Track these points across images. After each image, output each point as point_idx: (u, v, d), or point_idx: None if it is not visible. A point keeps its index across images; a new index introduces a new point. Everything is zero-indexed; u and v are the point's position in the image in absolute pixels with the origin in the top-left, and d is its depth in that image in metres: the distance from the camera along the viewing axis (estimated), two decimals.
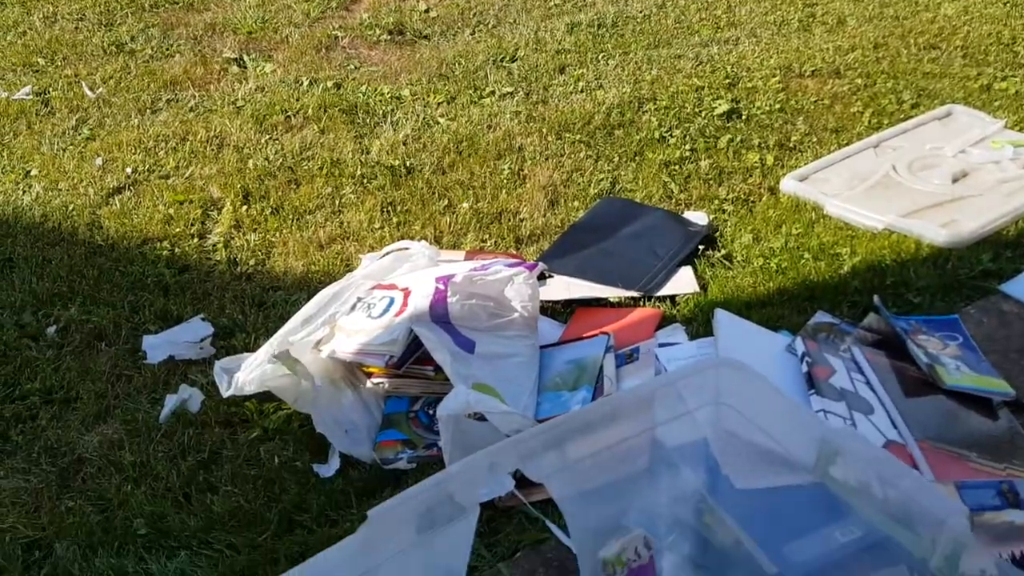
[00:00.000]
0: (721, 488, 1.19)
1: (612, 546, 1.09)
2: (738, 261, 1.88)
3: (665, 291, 1.81)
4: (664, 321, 1.73)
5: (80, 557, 1.33)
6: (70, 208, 2.26)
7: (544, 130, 2.41)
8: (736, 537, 1.18)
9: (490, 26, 3.09)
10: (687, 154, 2.27)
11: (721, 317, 1.61)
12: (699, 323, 1.70)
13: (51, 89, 2.83)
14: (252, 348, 1.70)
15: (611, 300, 1.82)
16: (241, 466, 1.49)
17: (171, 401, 1.64)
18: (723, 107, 2.43)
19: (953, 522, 0.85)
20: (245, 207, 2.21)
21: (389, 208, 2.18)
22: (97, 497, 1.46)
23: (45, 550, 1.37)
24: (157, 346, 1.79)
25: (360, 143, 2.45)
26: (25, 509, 1.45)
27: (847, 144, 2.26)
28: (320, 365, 1.60)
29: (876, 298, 1.68)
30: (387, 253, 1.85)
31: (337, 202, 2.21)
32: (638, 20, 3.04)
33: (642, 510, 1.18)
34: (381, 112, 2.59)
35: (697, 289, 1.81)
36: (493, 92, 2.64)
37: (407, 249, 1.84)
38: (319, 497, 1.40)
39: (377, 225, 2.12)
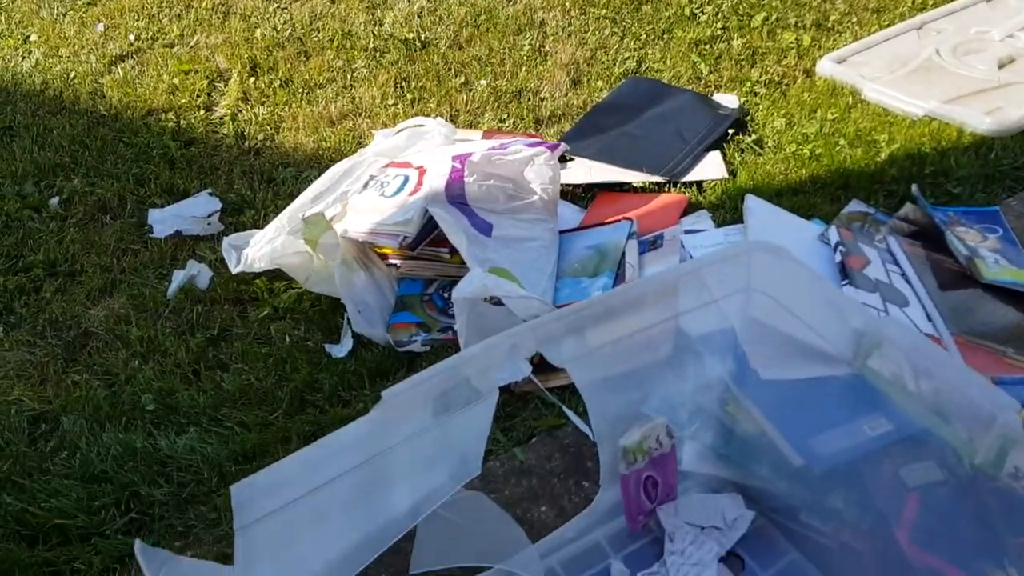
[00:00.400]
0: (746, 378, 1.15)
1: (633, 434, 1.05)
2: (769, 146, 1.80)
3: (691, 176, 1.73)
4: (690, 207, 1.65)
5: (87, 431, 1.31)
6: (71, 76, 2.16)
7: (567, 4, 2.28)
8: (761, 428, 1.14)
9: None
10: (718, 33, 2.14)
11: (752, 203, 1.54)
12: (726, 210, 1.63)
13: None
14: (261, 225, 1.65)
15: (635, 185, 1.75)
16: (251, 344, 1.45)
17: (179, 277, 1.60)
18: None
19: (1005, 417, 0.80)
20: (253, 79, 2.11)
21: (403, 84, 2.08)
22: (104, 372, 1.43)
23: (51, 423, 1.35)
24: (163, 220, 1.73)
25: (373, 14, 2.33)
26: (31, 382, 1.42)
27: (888, 25, 2.13)
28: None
29: (914, 187, 1.60)
30: (401, 130, 1.77)
31: (349, 76, 2.11)
32: None
33: (664, 399, 1.14)
34: None
35: (725, 175, 1.73)
36: None
37: (422, 126, 1.75)
38: (331, 377, 1.37)
39: (390, 101, 2.02)
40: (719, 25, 2.17)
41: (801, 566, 1.08)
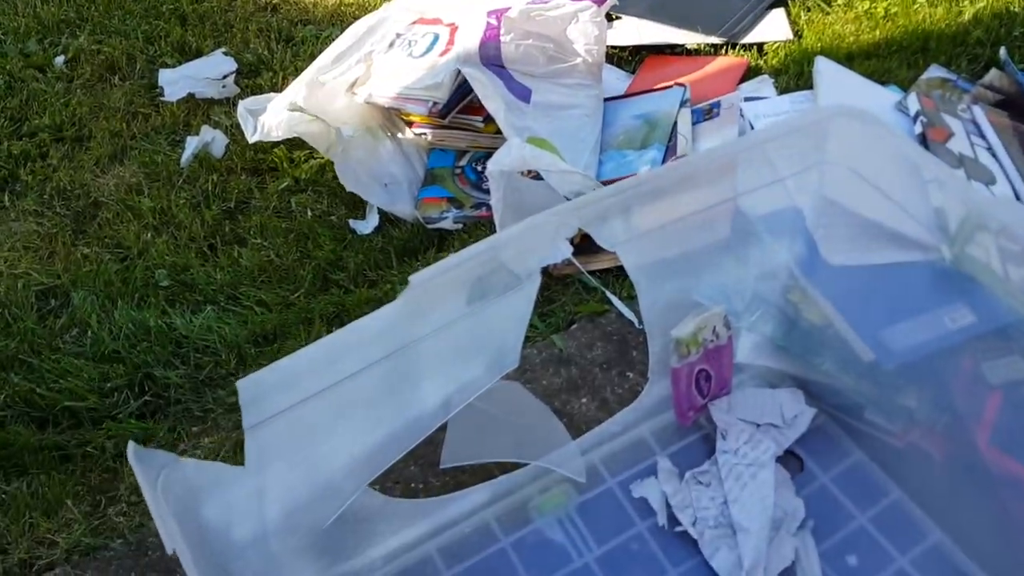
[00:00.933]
0: (813, 264, 1.03)
1: (687, 324, 0.95)
2: (839, 4, 1.61)
3: (752, 37, 1.56)
4: (749, 72, 1.49)
5: (98, 308, 1.23)
6: None
7: None
8: (827, 319, 1.03)
9: None
10: None
11: (822, 65, 1.38)
12: (790, 75, 1.47)
13: None
14: (279, 88, 1.52)
15: (688, 47, 1.58)
16: (270, 218, 1.35)
17: (192, 143, 1.48)
18: None
19: None
20: None
21: None
22: (115, 245, 1.34)
23: (61, 299, 1.27)
24: (175, 81, 1.61)
25: None
26: (39, 255, 1.34)
27: None
28: (355, 111, 1.41)
29: (1002, 51, 1.43)
30: None
31: None
32: None
33: (720, 286, 1.03)
34: None
35: (790, 36, 1.56)
36: None
37: None
38: (356, 255, 1.27)
39: None
40: None
41: (865, 468, 0.99)
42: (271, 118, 1.40)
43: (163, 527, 0.57)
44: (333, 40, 1.48)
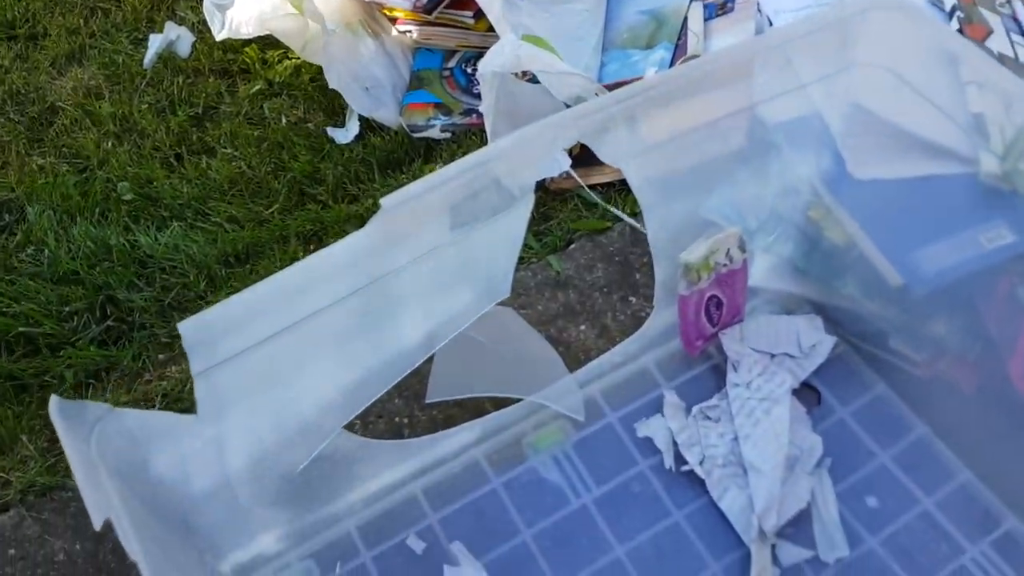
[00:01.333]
0: (837, 178, 0.93)
1: (698, 247, 0.85)
2: None
3: None
4: None
5: (56, 224, 1.13)
6: None
7: None
8: (851, 239, 0.94)
9: None
10: None
11: None
12: None
13: None
14: None
15: None
16: (241, 125, 1.24)
17: (156, 42, 1.36)
18: None
19: None
20: None
21: None
22: (73, 155, 1.23)
23: (16, 214, 1.17)
24: None
25: None
26: None
27: None
28: (334, 5, 1.28)
29: None
30: None
31: None
32: None
33: (733, 203, 0.93)
34: None
35: None
36: None
37: None
38: (335, 167, 1.16)
39: None
40: None
41: (887, 401, 0.91)
42: (240, 13, 1.28)
43: (92, 495, 0.49)
44: None
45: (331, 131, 1.22)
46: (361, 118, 1.21)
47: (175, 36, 1.36)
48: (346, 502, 0.82)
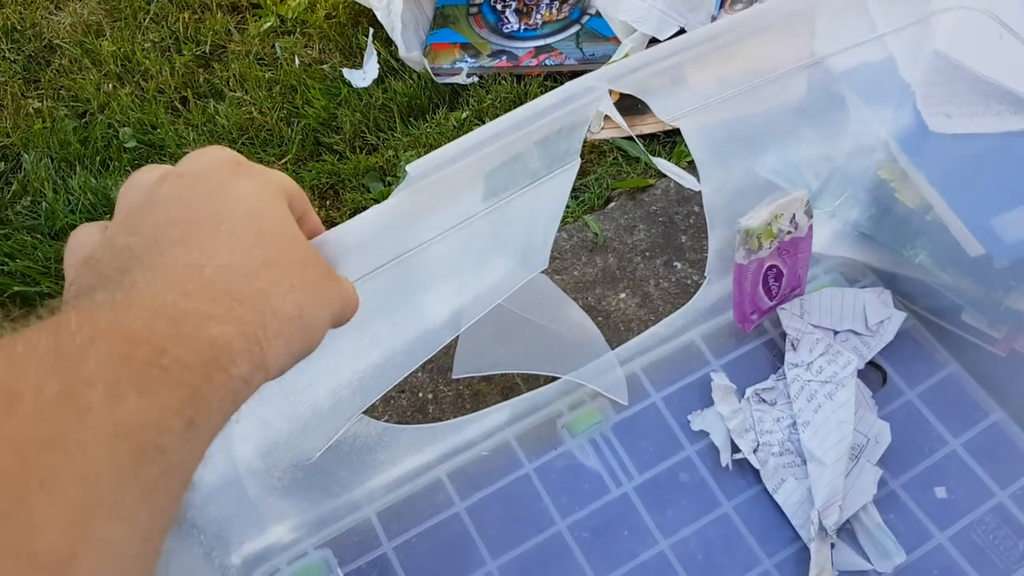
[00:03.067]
0: (911, 134, 0.83)
1: (760, 212, 0.76)
2: None
3: None
4: None
5: (54, 173, 1.05)
6: None
7: None
8: (926, 201, 0.84)
9: None
10: None
11: None
12: None
13: None
14: None
15: None
16: (251, 66, 1.14)
17: None
18: None
19: None
20: None
21: None
22: (72, 97, 1.14)
23: (11, 162, 1.08)
24: None
25: None
26: None
27: None
28: None
29: None
30: None
31: None
32: None
33: (793, 161, 0.83)
34: None
35: None
36: None
37: None
38: (353, 114, 1.07)
39: None
40: None
41: (961, 382, 0.83)
42: None
43: None
44: None
45: (347, 73, 1.12)
46: (381, 59, 1.12)
47: None
48: (366, 489, 0.75)
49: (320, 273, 0.36)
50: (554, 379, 0.81)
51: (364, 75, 1.11)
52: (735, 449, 0.77)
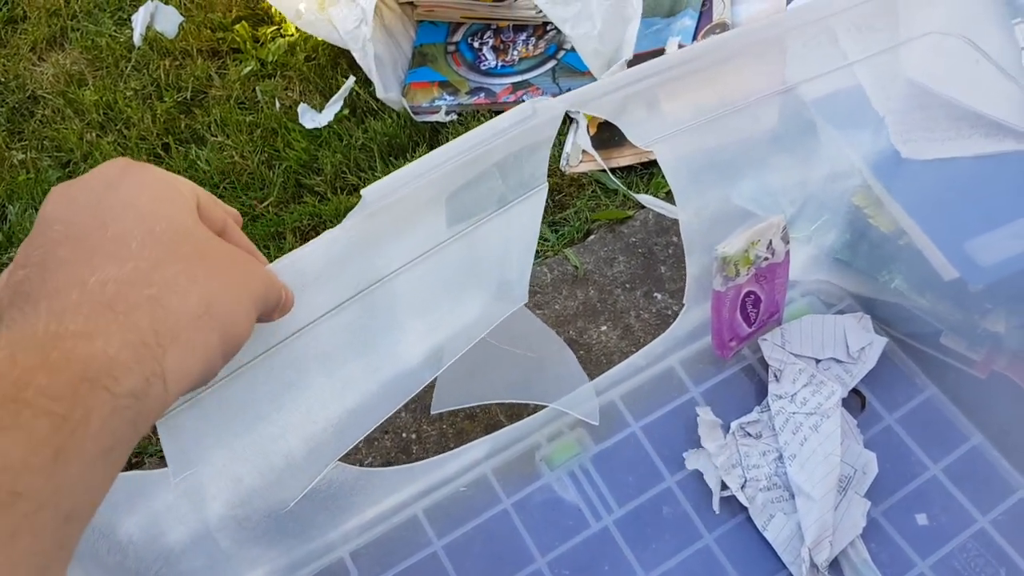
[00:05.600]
0: (884, 160, 0.84)
1: (736, 239, 0.76)
2: None
3: None
4: None
5: None
6: None
7: None
8: (900, 226, 0.85)
9: None
10: None
11: None
12: None
13: None
14: None
15: None
16: (232, 110, 1.16)
17: (139, 20, 1.27)
18: None
19: None
20: None
21: None
22: (55, 148, 1.15)
23: None
24: None
25: None
26: None
27: None
28: None
29: None
30: None
31: None
32: None
33: (768, 188, 0.84)
34: None
35: None
36: None
37: None
38: (334, 155, 1.08)
39: None
40: None
41: (940, 406, 0.83)
42: None
43: None
44: None
45: (301, 112, 1.13)
46: (355, 99, 1.13)
47: (154, 8, 1.27)
48: (341, 531, 0.75)
49: (228, 260, 0.34)
50: (533, 411, 0.81)
51: (314, 118, 1.12)
52: (723, 487, 0.77)
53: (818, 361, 0.82)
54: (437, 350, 0.66)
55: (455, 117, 1.10)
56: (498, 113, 1.07)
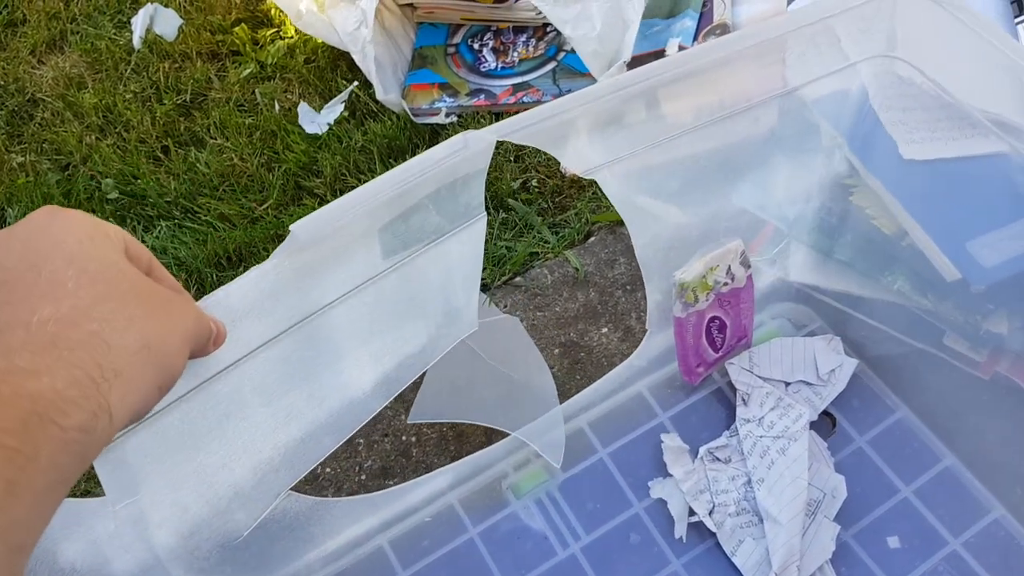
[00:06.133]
0: (884, 160, 0.84)
1: (693, 265, 0.74)
2: None
3: None
4: None
5: None
6: None
7: None
8: (901, 227, 0.85)
9: None
10: None
11: None
12: None
13: None
14: None
15: None
16: (232, 113, 1.15)
17: (138, 23, 1.27)
18: None
19: None
20: None
21: None
22: (55, 150, 1.15)
23: None
24: None
25: None
26: None
27: None
28: None
29: None
30: None
31: None
32: None
33: (766, 189, 0.83)
34: None
35: None
36: None
37: None
38: (333, 157, 1.08)
39: None
40: None
41: (911, 427, 0.80)
42: None
43: None
44: None
45: (301, 114, 1.12)
46: (355, 102, 1.12)
47: (153, 10, 1.27)
48: (303, 563, 0.73)
49: (160, 298, 0.36)
50: (505, 434, 0.78)
51: (314, 120, 1.12)
52: (691, 513, 0.75)
53: (787, 384, 0.81)
54: (385, 378, 0.63)
55: (455, 119, 1.10)
56: (499, 115, 1.08)
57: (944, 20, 0.71)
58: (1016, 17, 1.01)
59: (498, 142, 0.53)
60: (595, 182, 0.99)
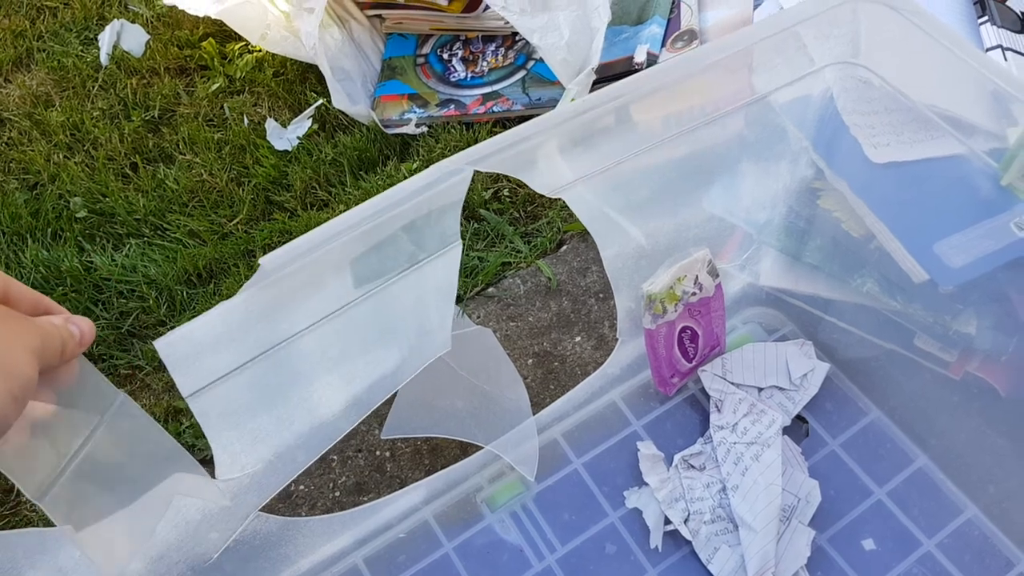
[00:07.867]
0: (851, 164, 0.84)
1: (660, 277, 0.74)
2: None
3: None
4: None
5: (6, 247, 1.05)
6: None
7: None
8: (869, 230, 0.85)
9: None
10: None
11: None
12: None
13: None
14: None
15: None
16: (200, 128, 1.15)
17: (105, 39, 1.26)
18: None
19: None
20: None
21: None
22: (22, 170, 1.14)
23: None
24: None
25: None
26: None
27: None
28: None
29: None
30: None
31: None
32: None
33: (735, 194, 0.84)
34: None
35: None
36: None
37: None
38: (303, 170, 1.07)
39: None
40: None
41: (884, 429, 0.81)
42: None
43: None
44: None
45: (269, 130, 1.12)
46: (323, 115, 1.12)
47: (119, 27, 1.26)
48: None
49: (0, 319, 0.38)
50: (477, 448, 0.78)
51: (282, 136, 1.11)
52: (667, 521, 0.75)
53: (760, 390, 0.82)
54: (355, 400, 0.62)
55: (425, 130, 1.09)
56: (469, 125, 1.07)
57: (902, 26, 0.71)
58: (979, 18, 1.01)
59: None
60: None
